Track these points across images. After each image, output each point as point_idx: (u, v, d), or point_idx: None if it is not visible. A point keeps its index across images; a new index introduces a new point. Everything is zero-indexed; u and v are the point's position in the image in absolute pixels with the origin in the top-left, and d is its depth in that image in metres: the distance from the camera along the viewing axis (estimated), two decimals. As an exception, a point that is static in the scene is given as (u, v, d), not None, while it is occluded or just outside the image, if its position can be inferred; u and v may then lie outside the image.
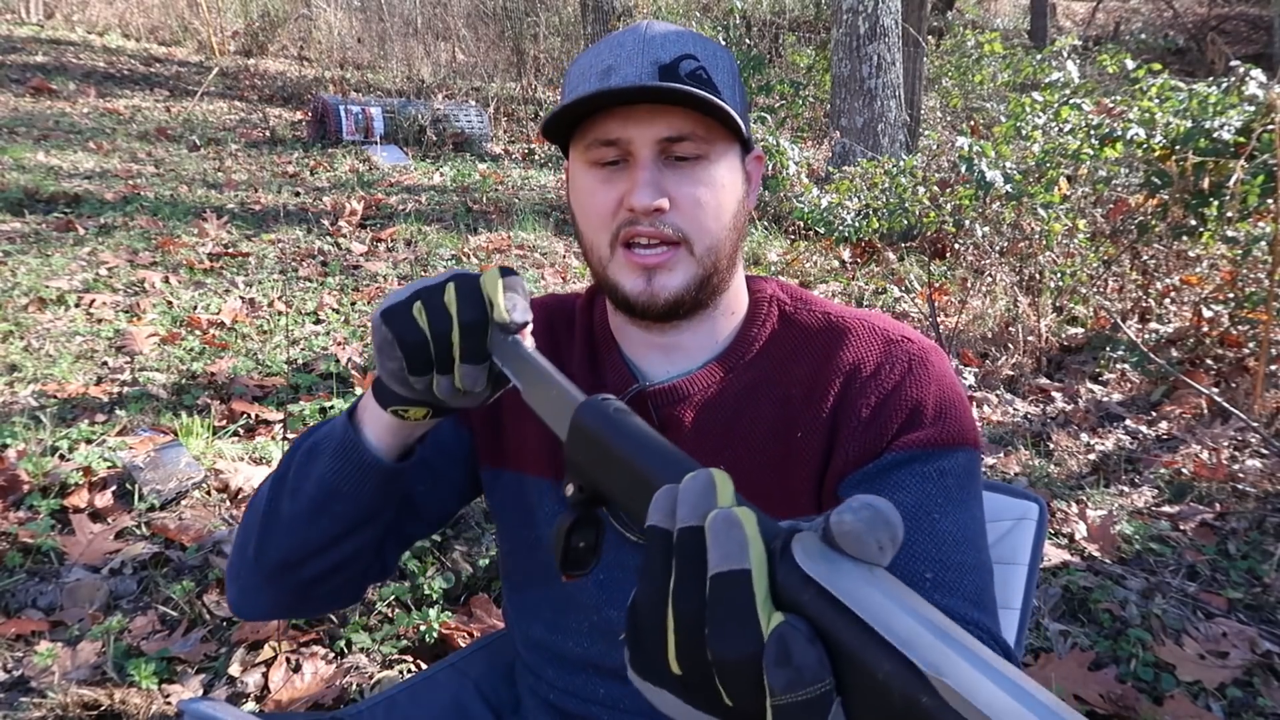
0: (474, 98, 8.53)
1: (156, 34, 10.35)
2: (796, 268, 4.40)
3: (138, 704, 1.50)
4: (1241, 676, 1.70)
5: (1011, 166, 3.38)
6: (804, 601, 0.35)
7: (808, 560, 0.35)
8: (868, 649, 0.33)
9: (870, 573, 0.35)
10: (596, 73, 0.75)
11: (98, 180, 5.08)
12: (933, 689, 0.31)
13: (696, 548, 0.38)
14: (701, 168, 0.75)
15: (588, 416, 0.53)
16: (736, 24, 7.77)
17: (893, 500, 0.63)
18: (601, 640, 0.84)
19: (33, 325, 3.08)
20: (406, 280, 3.97)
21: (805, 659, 0.33)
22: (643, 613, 0.40)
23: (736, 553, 0.36)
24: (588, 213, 0.78)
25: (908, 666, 0.32)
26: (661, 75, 0.73)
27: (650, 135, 0.74)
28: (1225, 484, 2.42)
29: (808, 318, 0.84)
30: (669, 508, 0.40)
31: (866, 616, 0.33)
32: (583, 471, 0.53)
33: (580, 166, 0.78)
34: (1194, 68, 10.16)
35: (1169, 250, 3.50)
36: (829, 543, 0.36)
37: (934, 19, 9.22)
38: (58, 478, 2.12)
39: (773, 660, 0.34)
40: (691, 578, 0.37)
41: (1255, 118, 2.92)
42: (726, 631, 0.35)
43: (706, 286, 0.78)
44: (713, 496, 0.39)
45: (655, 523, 0.40)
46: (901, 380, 0.78)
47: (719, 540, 0.37)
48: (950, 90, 7.76)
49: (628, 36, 0.76)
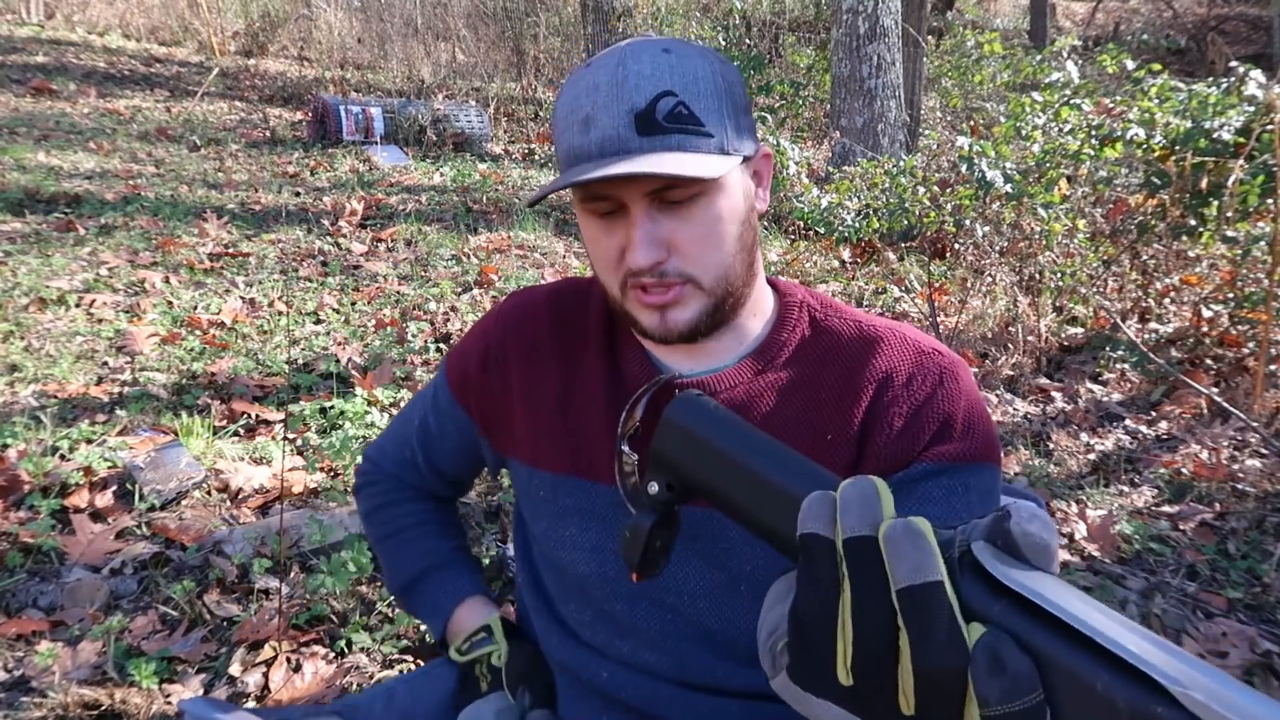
0: (474, 98, 8.52)
1: (157, 34, 10.35)
2: (796, 268, 4.40)
3: (138, 704, 1.50)
4: (1242, 676, 1.70)
5: (1011, 166, 3.38)
6: (996, 613, 0.35)
7: (1004, 572, 0.35)
8: (1081, 660, 0.33)
9: (1064, 584, 0.35)
10: (577, 122, 0.73)
11: (98, 180, 5.09)
12: (1173, 701, 0.31)
13: (872, 558, 0.37)
14: (699, 206, 0.74)
15: (683, 412, 0.51)
16: (736, 24, 7.76)
17: (920, 512, 0.64)
18: (607, 628, 0.85)
19: (33, 325, 3.08)
20: (406, 280, 3.97)
21: (1020, 668, 0.33)
22: (810, 623, 0.39)
23: (928, 565, 0.36)
24: (595, 258, 0.79)
25: (1138, 678, 0.31)
26: (638, 125, 0.71)
27: (638, 191, 0.73)
28: (1225, 484, 2.42)
29: (839, 324, 0.84)
30: (829, 515, 0.39)
31: (1086, 628, 0.33)
32: (675, 468, 0.51)
33: (580, 210, 0.79)
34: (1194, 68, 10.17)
35: (1169, 250, 3.50)
36: (1010, 552, 0.36)
37: (934, 19, 9.22)
38: (58, 478, 2.12)
39: (985, 671, 0.34)
40: (872, 590, 0.37)
41: (1255, 118, 2.92)
42: (933, 645, 0.35)
43: (721, 310, 0.78)
44: (878, 506, 0.39)
45: (815, 530, 0.39)
46: (933, 392, 0.78)
47: (905, 552, 0.36)
48: (950, 90, 7.76)
49: (602, 76, 0.72)
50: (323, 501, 2.21)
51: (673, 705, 0.80)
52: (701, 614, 0.80)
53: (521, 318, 0.91)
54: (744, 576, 0.78)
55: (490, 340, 0.92)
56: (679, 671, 0.80)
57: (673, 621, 0.81)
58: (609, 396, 0.84)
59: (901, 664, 0.36)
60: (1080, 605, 0.34)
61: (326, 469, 2.36)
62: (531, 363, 0.89)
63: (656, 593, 0.81)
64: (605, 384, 0.85)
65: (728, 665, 0.80)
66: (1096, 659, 0.33)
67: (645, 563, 0.53)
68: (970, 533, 0.38)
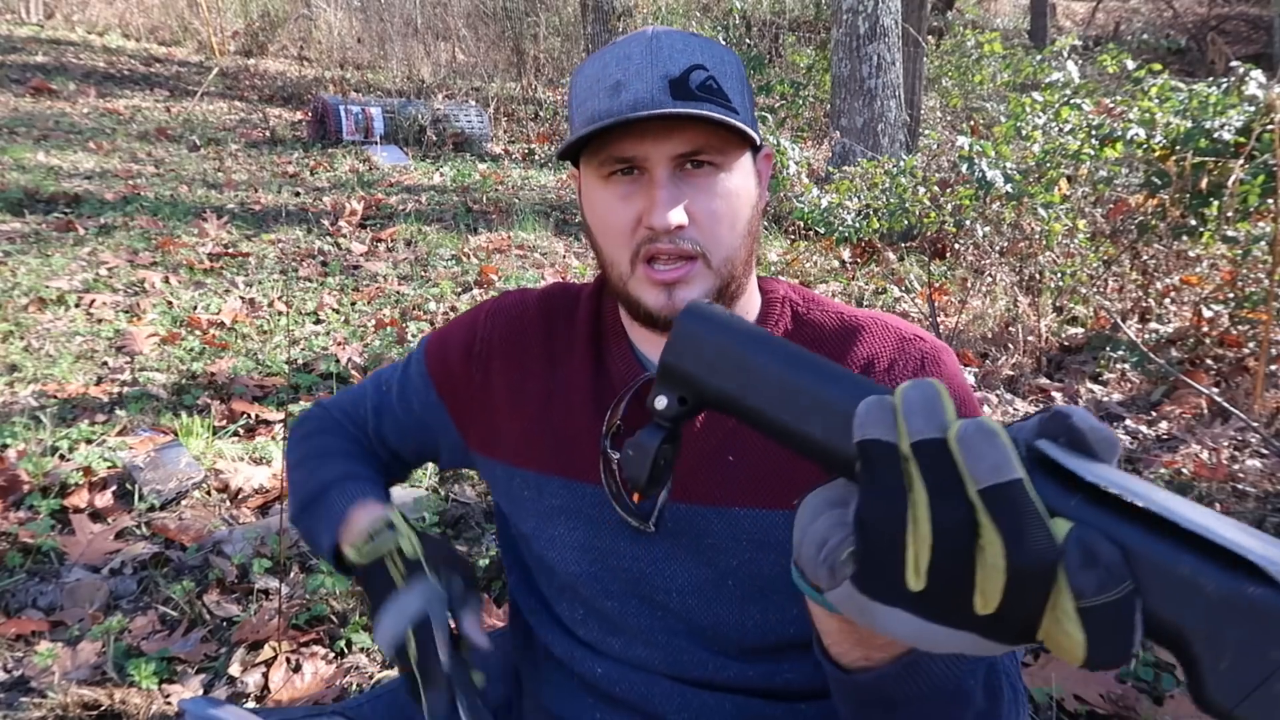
0: (474, 98, 8.53)
1: (156, 34, 10.35)
2: (796, 268, 4.40)
3: (138, 704, 1.50)
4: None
5: (1011, 166, 3.38)
6: (1071, 508, 0.36)
7: (1084, 468, 0.36)
8: (1165, 547, 0.33)
9: (1134, 476, 0.36)
10: (605, 88, 0.74)
11: (98, 180, 5.08)
12: (1265, 579, 0.31)
13: (946, 461, 0.37)
14: (717, 178, 0.76)
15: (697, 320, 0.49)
16: (736, 24, 7.76)
17: None
18: (598, 625, 0.84)
19: (33, 325, 3.08)
20: (406, 280, 3.97)
21: (1112, 558, 0.34)
22: (879, 529, 0.39)
23: (1006, 463, 0.36)
24: (606, 229, 0.79)
25: (1225, 561, 0.32)
26: (673, 90, 0.73)
27: (666, 152, 0.74)
28: (1225, 484, 2.42)
29: (820, 317, 0.85)
30: (889, 420, 0.39)
31: (1171, 514, 0.34)
32: (690, 380, 0.48)
33: (594, 181, 0.78)
34: (1194, 68, 10.17)
35: (1169, 250, 3.50)
36: (1078, 448, 0.36)
37: (934, 19, 9.22)
38: (58, 478, 2.12)
39: (1078, 563, 0.34)
40: (948, 492, 0.37)
41: (1255, 118, 2.92)
42: (1024, 540, 0.35)
43: (724, 295, 0.79)
44: (943, 409, 0.38)
45: (877, 435, 0.39)
46: (915, 377, 0.78)
47: (982, 452, 0.36)
48: (950, 90, 7.76)
49: (635, 48, 0.75)
50: (322, 501, 2.21)
51: (668, 700, 0.80)
52: (691, 610, 0.80)
53: (512, 317, 0.91)
54: (730, 572, 0.78)
55: (478, 333, 0.92)
56: (672, 667, 0.80)
57: (663, 618, 0.81)
58: (594, 396, 0.84)
59: (982, 564, 0.36)
60: (1161, 494, 0.34)
61: (326, 469, 2.36)
62: (517, 362, 0.89)
63: (645, 590, 0.81)
64: (591, 383, 0.85)
65: (720, 660, 0.80)
66: (1181, 545, 0.33)
67: (651, 481, 0.52)
68: (1018, 433, 0.38)
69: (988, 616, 0.37)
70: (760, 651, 0.79)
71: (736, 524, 0.78)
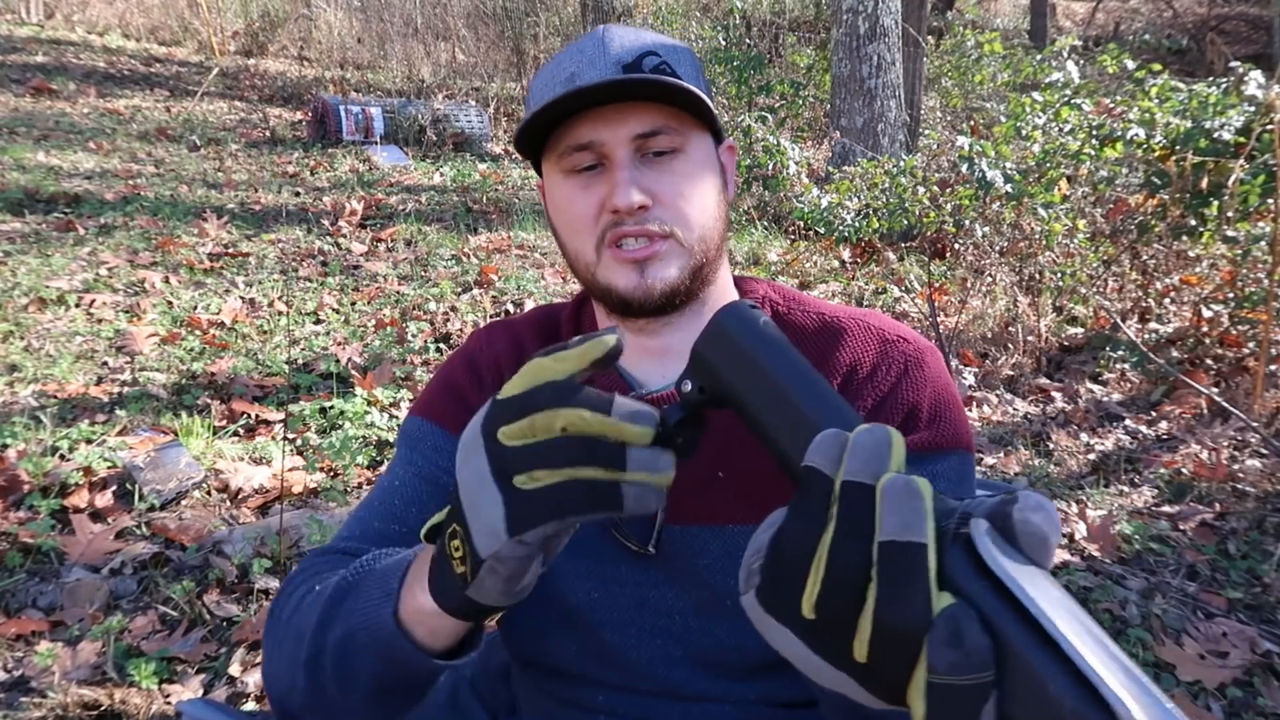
0: (474, 98, 8.53)
1: (156, 34, 10.34)
2: (796, 268, 4.40)
3: (138, 704, 1.50)
4: (1241, 676, 1.70)
5: (1011, 166, 3.38)
6: (974, 591, 0.35)
7: (991, 555, 0.35)
8: (1043, 660, 0.33)
9: (1051, 581, 0.35)
10: (560, 81, 0.75)
11: (98, 180, 5.08)
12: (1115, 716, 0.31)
13: (865, 506, 0.38)
14: (679, 160, 0.76)
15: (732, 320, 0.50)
16: (736, 24, 7.76)
17: None
18: (595, 661, 0.81)
19: (33, 325, 3.08)
20: (406, 280, 3.97)
21: (977, 645, 0.34)
22: (788, 551, 0.40)
23: (917, 524, 0.36)
24: (570, 221, 0.78)
25: (1093, 693, 0.32)
26: (626, 73, 0.73)
27: (623, 134, 0.73)
28: (1225, 484, 2.42)
29: (802, 318, 0.83)
30: (835, 454, 0.40)
31: (1053, 630, 0.33)
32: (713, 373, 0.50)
33: (556, 177, 0.78)
34: (1194, 68, 10.17)
35: (1169, 250, 3.50)
36: (1007, 538, 0.36)
37: (934, 19, 9.22)
38: (58, 478, 2.12)
39: (942, 640, 0.34)
40: (855, 535, 0.38)
41: (1255, 118, 2.92)
42: (898, 601, 0.36)
43: (699, 275, 0.78)
44: (888, 457, 0.39)
45: (817, 465, 0.40)
46: (898, 382, 0.78)
47: (897, 507, 0.37)
48: (950, 90, 7.76)
49: (587, 43, 0.76)
50: (322, 501, 2.21)
51: (669, 715, 0.79)
52: (692, 633, 0.78)
53: (508, 336, 0.88)
54: (729, 591, 0.77)
55: (478, 359, 0.88)
56: (672, 691, 0.79)
57: (663, 646, 0.79)
58: None
59: (864, 612, 0.37)
60: (1057, 607, 0.34)
61: (326, 469, 2.36)
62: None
63: (647, 616, 0.79)
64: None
65: (722, 684, 0.78)
66: (1057, 661, 0.33)
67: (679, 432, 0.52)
68: (975, 508, 0.38)
69: (863, 665, 0.38)
70: (760, 670, 0.78)
71: (730, 541, 0.76)
